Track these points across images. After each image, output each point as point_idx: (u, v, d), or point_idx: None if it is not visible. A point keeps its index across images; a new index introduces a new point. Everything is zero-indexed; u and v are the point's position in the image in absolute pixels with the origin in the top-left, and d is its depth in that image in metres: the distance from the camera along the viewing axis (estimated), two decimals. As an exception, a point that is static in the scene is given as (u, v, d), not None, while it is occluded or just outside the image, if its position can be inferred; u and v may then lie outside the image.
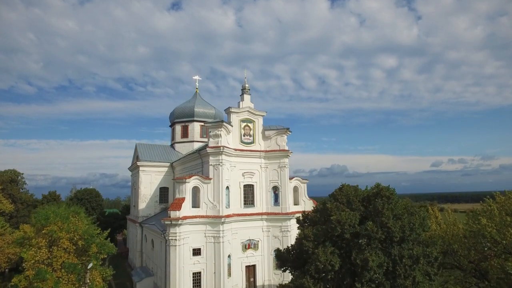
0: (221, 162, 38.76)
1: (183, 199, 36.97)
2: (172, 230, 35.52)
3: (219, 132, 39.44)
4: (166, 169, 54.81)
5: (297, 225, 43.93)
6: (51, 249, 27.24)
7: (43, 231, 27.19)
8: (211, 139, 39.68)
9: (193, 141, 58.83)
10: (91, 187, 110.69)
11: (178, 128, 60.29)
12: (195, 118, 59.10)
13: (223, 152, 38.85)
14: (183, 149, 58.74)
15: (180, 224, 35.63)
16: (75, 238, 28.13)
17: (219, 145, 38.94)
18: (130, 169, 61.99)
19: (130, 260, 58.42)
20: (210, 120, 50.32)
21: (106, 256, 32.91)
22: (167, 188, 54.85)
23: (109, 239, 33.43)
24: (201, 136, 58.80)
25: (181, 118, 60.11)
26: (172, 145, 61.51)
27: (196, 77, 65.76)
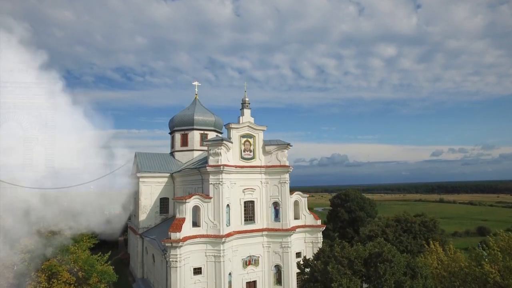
0: (221, 181, 38.45)
1: (183, 220, 36.80)
2: (173, 252, 35.39)
3: (219, 151, 39.00)
4: (166, 179, 54.48)
5: (298, 237, 44.92)
6: (50, 282, 27.15)
7: (42, 266, 27.05)
8: (211, 157, 39.27)
9: (193, 150, 58.35)
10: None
11: (177, 136, 59.74)
12: (195, 127, 58.43)
13: (223, 171, 38.52)
14: (183, 157, 58.36)
15: (181, 246, 35.53)
16: (75, 269, 28.06)
17: (219, 163, 38.55)
18: (130, 177, 61.67)
19: (132, 269, 58.68)
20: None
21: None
22: (167, 198, 54.66)
23: (109, 262, 33.48)
24: (201, 145, 58.15)
25: (180, 126, 59.46)
26: (171, 153, 61.08)
27: (196, 83, 64.80)
